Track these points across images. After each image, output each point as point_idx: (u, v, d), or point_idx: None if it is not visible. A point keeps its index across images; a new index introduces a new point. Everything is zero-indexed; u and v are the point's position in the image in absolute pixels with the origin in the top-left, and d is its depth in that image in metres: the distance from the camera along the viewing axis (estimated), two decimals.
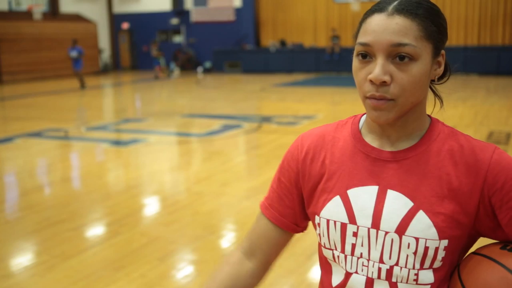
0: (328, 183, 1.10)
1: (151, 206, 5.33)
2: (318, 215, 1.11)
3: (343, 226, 1.07)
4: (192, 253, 4.02)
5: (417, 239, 1.01)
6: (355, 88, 1.06)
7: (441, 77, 1.13)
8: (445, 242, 1.01)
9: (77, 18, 23.77)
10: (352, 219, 1.06)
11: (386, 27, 0.97)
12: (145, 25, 25.60)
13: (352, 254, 1.07)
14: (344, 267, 1.09)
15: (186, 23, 24.82)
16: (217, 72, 22.94)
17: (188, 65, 24.26)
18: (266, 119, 10.23)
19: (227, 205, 5.13)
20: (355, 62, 1.03)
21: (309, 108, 11.59)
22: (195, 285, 3.49)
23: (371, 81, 0.98)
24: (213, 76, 21.72)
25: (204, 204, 5.13)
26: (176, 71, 23.87)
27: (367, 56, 1.00)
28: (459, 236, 1.02)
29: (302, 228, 1.20)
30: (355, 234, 1.06)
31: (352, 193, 1.07)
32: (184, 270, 3.73)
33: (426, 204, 1.01)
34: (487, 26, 20.03)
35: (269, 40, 23.24)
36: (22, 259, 3.91)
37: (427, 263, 1.02)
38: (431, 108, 1.15)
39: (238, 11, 23.52)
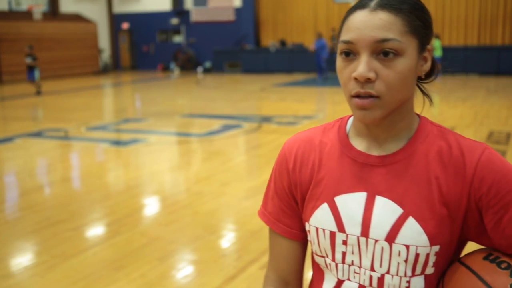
0: (316, 189, 1.07)
1: (151, 206, 5.33)
2: (308, 222, 1.09)
3: (332, 235, 1.04)
4: (192, 253, 4.02)
5: (407, 247, 0.98)
6: None
7: (429, 76, 1.09)
8: (436, 248, 0.99)
9: (77, 18, 23.77)
10: (340, 227, 1.03)
11: (369, 23, 0.94)
12: (145, 25, 25.61)
13: (343, 262, 1.05)
14: (335, 275, 1.07)
15: (186, 23, 24.82)
16: (217, 72, 22.94)
17: (188, 65, 24.27)
18: (266, 119, 10.23)
19: (227, 205, 5.13)
20: (339, 60, 0.99)
21: (309, 108, 11.59)
22: (195, 285, 3.49)
23: (356, 79, 0.95)
24: (213, 76, 21.73)
25: (204, 204, 5.13)
26: (176, 71, 23.88)
27: (350, 54, 0.97)
28: (450, 240, 1.00)
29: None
30: (344, 242, 1.03)
31: (340, 200, 1.04)
32: (184, 270, 3.73)
33: (416, 210, 0.98)
34: (487, 26, 20.03)
35: (269, 40, 23.24)
36: (22, 259, 3.91)
37: (418, 270, 1.00)
38: (420, 107, 1.13)
39: (238, 11, 23.52)
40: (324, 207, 1.05)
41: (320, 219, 1.06)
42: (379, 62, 0.95)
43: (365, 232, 1.01)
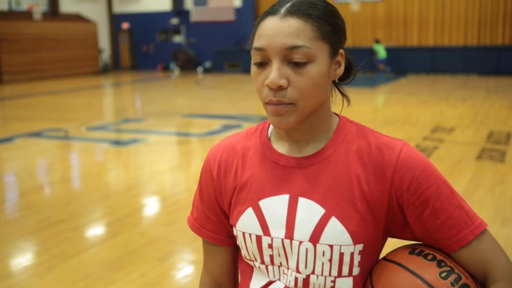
0: (241, 194, 1.08)
1: (151, 206, 5.33)
2: (235, 227, 1.09)
3: (258, 238, 1.05)
4: (192, 253, 4.02)
5: (331, 246, 0.99)
6: (354, 88, 1.05)
7: (346, 77, 1.09)
8: (360, 247, 0.99)
9: (77, 18, 23.78)
10: (266, 230, 1.04)
11: (279, 30, 0.94)
12: (145, 25, 25.62)
13: (272, 263, 1.06)
14: (267, 276, 1.07)
15: (186, 23, 24.82)
16: (217, 72, 22.94)
17: (188, 65, 24.27)
18: (266, 119, 10.21)
19: None
20: (253, 68, 1.00)
21: None
22: (195, 285, 3.49)
23: (268, 86, 0.96)
24: (213, 76, 21.73)
25: None
26: (176, 71, 23.88)
27: (263, 61, 0.97)
28: (373, 238, 1.01)
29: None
30: (270, 246, 1.04)
31: (264, 203, 1.04)
32: (184, 270, 3.73)
33: (338, 210, 0.99)
34: (487, 26, 20.02)
35: None
36: (22, 259, 3.91)
37: (345, 270, 1.00)
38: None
39: (238, 11, 23.52)
40: (249, 212, 1.06)
41: (246, 223, 1.06)
42: (291, 69, 0.95)
43: (289, 234, 1.02)
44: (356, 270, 1.01)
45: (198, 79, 20.51)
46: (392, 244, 1.11)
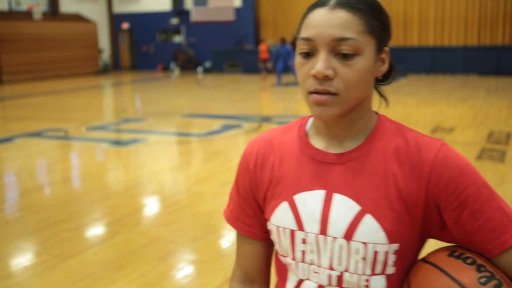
0: (276, 188, 1.08)
1: (151, 206, 5.33)
2: (269, 221, 1.09)
3: (292, 233, 1.04)
4: (192, 253, 4.02)
5: (365, 244, 0.98)
6: None
7: (386, 78, 1.09)
8: (395, 246, 0.98)
9: (77, 18, 23.78)
10: (300, 225, 1.04)
11: (328, 21, 0.95)
12: (145, 25, 25.61)
13: (303, 261, 1.05)
14: (296, 274, 1.07)
15: (186, 23, 24.82)
16: (217, 72, 22.94)
17: (188, 65, 24.27)
18: (266, 119, 10.23)
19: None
20: (298, 58, 1.00)
21: None
22: (195, 285, 3.49)
23: (314, 76, 0.96)
24: (213, 76, 21.73)
25: (204, 204, 5.13)
26: (176, 71, 23.89)
27: (310, 51, 0.98)
28: (409, 238, 1.00)
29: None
30: (304, 241, 1.03)
31: (299, 198, 1.04)
32: (184, 270, 3.73)
33: (373, 207, 0.99)
34: (487, 26, 20.02)
35: (269, 40, 23.23)
36: (22, 259, 3.91)
37: (378, 269, 0.99)
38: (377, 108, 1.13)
39: (238, 11, 23.52)
40: (284, 206, 1.06)
41: (280, 217, 1.06)
42: (338, 60, 0.96)
43: (323, 230, 1.02)
44: (390, 269, 1.00)
45: (198, 79, 20.51)
46: (432, 243, 1.09)
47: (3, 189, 5.94)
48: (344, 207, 1.00)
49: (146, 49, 25.93)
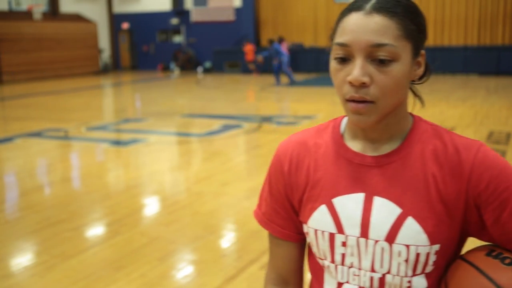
0: (313, 191, 1.07)
1: (151, 206, 5.33)
2: (306, 224, 1.09)
3: (331, 236, 1.04)
4: (192, 253, 4.02)
5: (407, 247, 0.98)
6: None
7: (421, 77, 1.09)
8: (436, 247, 0.99)
9: (77, 18, 23.77)
10: (339, 228, 1.03)
11: (364, 26, 0.93)
12: (145, 25, 25.61)
13: (343, 263, 1.05)
14: (335, 277, 1.07)
15: (186, 23, 24.82)
16: (217, 72, 22.94)
17: (188, 65, 24.27)
18: (266, 119, 10.23)
19: (227, 205, 5.13)
20: (333, 63, 0.99)
21: (309, 108, 11.59)
22: (195, 285, 3.49)
23: (350, 82, 0.95)
24: (213, 76, 21.73)
25: (204, 204, 5.13)
26: (176, 71, 23.89)
27: (345, 57, 0.96)
28: (449, 238, 1.00)
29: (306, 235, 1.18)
30: (344, 244, 1.03)
31: (338, 201, 1.04)
32: (184, 270, 3.73)
33: (415, 210, 0.99)
34: (487, 26, 20.03)
35: (265, 40, 23.25)
36: (22, 259, 3.91)
37: (419, 269, 1.00)
38: (411, 107, 1.13)
39: (238, 11, 23.52)
40: (322, 209, 1.05)
41: (318, 220, 1.06)
42: (374, 66, 0.94)
43: (364, 233, 1.01)
44: (429, 269, 1.01)
45: (198, 79, 20.51)
46: (471, 239, 1.09)
47: (3, 189, 5.94)
48: (385, 210, 1.00)
49: (146, 49, 25.92)
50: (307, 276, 1.20)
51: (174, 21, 24.89)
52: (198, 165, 7.10)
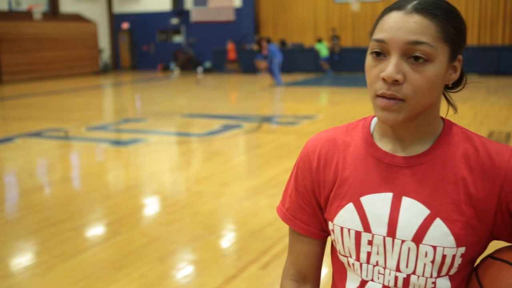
0: (340, 189, 1.08)
1: (151, 206, 5.33)
2: (332, 221, 1.09)
3: (358, 234, 1.05)
4: (192, 253, 4.02)
5: (434, 248, 0.99)
6: (355, 88, 1.05)
7: (456, 85, 1.09)
8: (462, 250, 0.99)
9: (77, 18, 23.77)
10: (366, 227, 1.04)
11: (403, 24, 0.95)
12: (145, 25, 25.61)
13: (368, 262, 1.05)
14: (359, 275, 1.07)
15: (186, 23, 24.82)
16: (217, 72, 22.94)
17: (188, 65, 24.27)
18: (266, 119, 10.23)
19: (227, 205, 5.13)
20: (369, 59, 1.00)
21: (309, 108, 11.59)
22: (195, 285, 3.49)
23: (383, 79, 0.96)
24: (213, 76, 21.73)
25: (204, 204, 5.13)
26: (176, 71, 23.89)
27: (381, 53, 0.97)
28: (476, 242, 1.01)
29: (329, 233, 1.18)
30: (370, 242, 1.04)
31: (366, 200, 1.05)
32: (184, 270, 3.73)
33: (443, 211, 0.99)
34: (487, 26, 20.03)
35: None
36: (22, 259, 3.91)
37: (444, 271, 1.01)
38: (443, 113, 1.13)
39: (238, 11, 23.52)
40: (350, 207, 1.06)
41: (345, 218, 1.06)
42: (409, 65, 0.95)
43: (391, 232, 1.02)
44: (454, 271, 1.02)
45: (198, 79, 20.51)
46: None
47: (3, 189, 5.94)
48: (413, 211, 1.01)
49: (146, 49, 25.92)
50: (324, 273, 1.20)
51: (174, 21, 24.89)
52: (198, 165, 7.10)
